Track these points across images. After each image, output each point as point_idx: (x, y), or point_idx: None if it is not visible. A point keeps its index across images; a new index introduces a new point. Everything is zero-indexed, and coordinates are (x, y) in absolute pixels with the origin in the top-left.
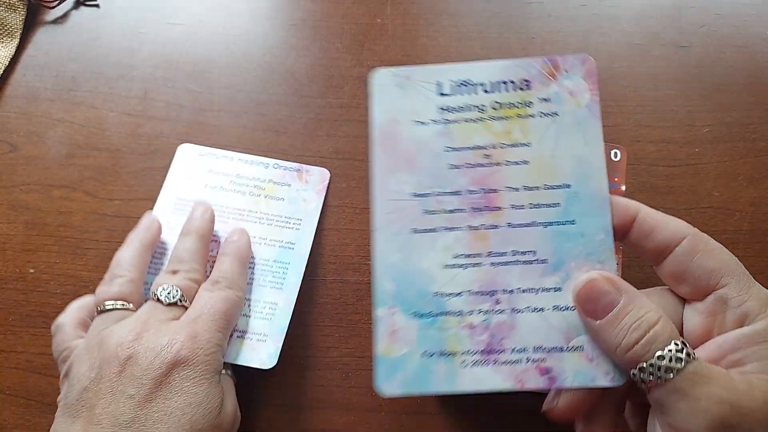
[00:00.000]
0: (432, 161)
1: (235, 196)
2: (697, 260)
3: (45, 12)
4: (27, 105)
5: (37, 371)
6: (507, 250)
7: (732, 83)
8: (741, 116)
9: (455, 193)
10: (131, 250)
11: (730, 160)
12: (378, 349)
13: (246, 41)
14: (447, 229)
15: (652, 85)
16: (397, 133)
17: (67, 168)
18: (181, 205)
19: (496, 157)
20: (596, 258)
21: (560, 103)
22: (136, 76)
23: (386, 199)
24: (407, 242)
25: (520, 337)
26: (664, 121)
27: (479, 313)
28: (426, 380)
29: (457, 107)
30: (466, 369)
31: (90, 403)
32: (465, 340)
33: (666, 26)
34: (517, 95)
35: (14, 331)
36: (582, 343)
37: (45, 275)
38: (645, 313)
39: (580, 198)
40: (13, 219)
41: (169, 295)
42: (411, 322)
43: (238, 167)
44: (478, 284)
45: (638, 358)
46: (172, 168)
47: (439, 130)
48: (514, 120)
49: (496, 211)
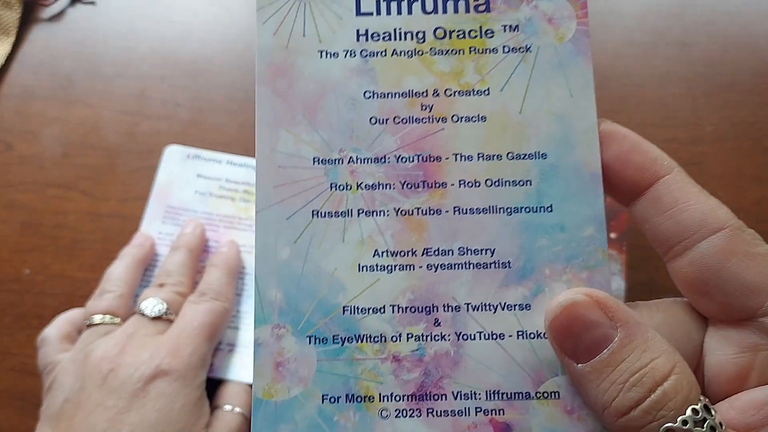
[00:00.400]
0: (344, 111)
1: (224, 202)
2: (732, 267)
3: (41, 9)
4: (22, 103)
5: (32, 373)
6: (452, 247)
7: (737, 82)
8: (746, 115)
9: (378, 160)
10: (122, 266)
11: (735, 160)
12: (256, 389)
13: (243, 38)
14: (364, 213)
15: (656, 84)
16: (294, 68)
17: (62, 167)
18: (171, 214)
19: (440, 108)
20: (582, 263)
21: (534, 34)
22: (132, 74)
23: (274, 164)
24: (305, 230)
25: (467, 377)
26: (668, 119)
27: (410, 340)
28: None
29: (384, 33)
30: (387, 421)
31: (69, 414)
32: (387, 378)
33: (671, 24)
34: (471, 19)
35: (9, 332)
36: (558, 387)
37: (40, 276)
38: (651, 359)
39: (560, 174)
40: (7, 219)
41: (154, 309)
42: (306, 349)
43: (226, 171)
44: (409, 296)
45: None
46: (160, 173)
47: (356, 65)
48: (466, 56)
49: (438, 188)
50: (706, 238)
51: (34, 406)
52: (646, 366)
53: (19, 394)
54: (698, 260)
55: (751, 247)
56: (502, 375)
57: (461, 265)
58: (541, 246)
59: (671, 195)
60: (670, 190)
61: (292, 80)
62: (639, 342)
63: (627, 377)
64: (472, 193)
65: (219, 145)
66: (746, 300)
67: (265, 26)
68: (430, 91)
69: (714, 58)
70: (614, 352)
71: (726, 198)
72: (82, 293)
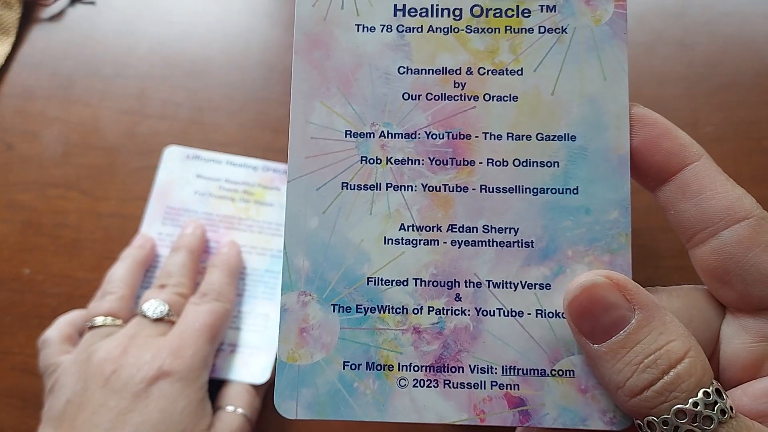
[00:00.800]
0: (378, 86)
1: (224, 202)
2: (754, 256)
3: (41, 9)
4: (22, 103)
5: (33, 373)
6: (477, 225)
7: (737, 82)
8: (746, 115)
9: (409, 135)
10: (123, 268)
11: (734, 160)
12: (281, 352)
13: (244, 39)
14: (393, 187)
15: (655, 84)
16: (331, 40)
17: (62, 167)
18: (172, 215)
19: (472, 87)
20: (605, 246)
21: (571, 15)
22: (133, 74)
23: (307, 136)
24: (334, 202)
25: (485, 352)
26: (667, 119)
27: (430, 313)
28: (344, 403)
29: (421, 9)
30: (405, 390)
31: (71, 415)
32: (407, 349)
33: (670, 24)
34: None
35: (10, 332)
36: (573, 366)
37: (40, 275)
38: (667, 341)
39: (589, 157)
40: (8, 219)
41: (156, 311)
42: (330, 317)
43: (226, 171)
44: (433, 271)
45: (647, 409)
46: (159, 173)
47: (392, 40)
48: (502, 35)
49: (466, 166)
50: (730, 226)
51: (34, 405)
52: (662, 348)
53: (19, 393)
54: (720, 248)
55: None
56: (519, 351)
57: (485, 242)
58: (564, 227)
59: (698, 182)
60: (698, 177)
61: (329, 52)
62: (656, 324)
63: (642, 359)
64: (499, 172)
65: (219, 145)
66: (765, 289)
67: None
68: (464, 68)
69: (713, 58)
70: (631, 333)
71: None
72: (82, 293)
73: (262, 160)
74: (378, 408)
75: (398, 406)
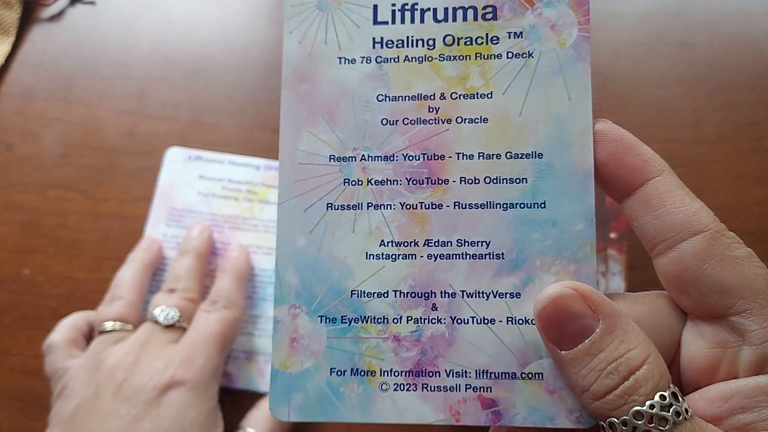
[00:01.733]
0: (359, 114)
1: (228, 202)
2: (709, 269)
3: (41, 9)
4: (22, 104)
5: (32, 374)
6: (451, 239)
7: (738, 82)
8: (747, 115)
9: (388, 158)
10: (131, 271)
11: (735, 160)
12: (274, 360)
13: (244, 39)
14: (373, 206)
15: (657, 84)
16: (316, 74)
17: (62, 168)
18: (175, 216)
19: (446, 111)
20: (571, 256)
21: (537, 40)
22: (133, 74)
23: (295, 162)
24: (320, 221)
25: (459, 357)
26: (669, 120)
27: (409, 322)
28: (332, 406)
29: (397, 41)
30: (387, 394)
31: (81, 420)
32: (387, 356)
33: (671, 24)
34: (478, 27)
35: (9, 332)
36: (542, 369)
37: (40, 276)
38: (628, 350)
39: (555, 173)
40: (8, 219)
41: (167, 317)
42: (318, 328)
43: (229, 171)
44: (411, 283)
45: (609, 411)
46: (162, 175)
47: (371, 71)
48: (472, 61)
49: (440, 185)
50: (687, 239)
51: (34, 406)
52: (623, 356)
53: (19, 394)
54: (678, 260)
55: (728, 250)
56: (491, 356)
57: (459, 255)
58: (533, 239)
59: (659, 196)
60: (659, 191)
61: (314, 85)
62: (618, 333)
63: (605, 366)
64: (471, 190)
65: (219, 146)
66: (719, 300)
67: (291, 35)
68: (438, 94)
69: (715, 58)
70: (595, 342)
71: (727, 198)
72: (82, 293)
73: (264, 159)
74: (362, 410)
75: (380, 409)
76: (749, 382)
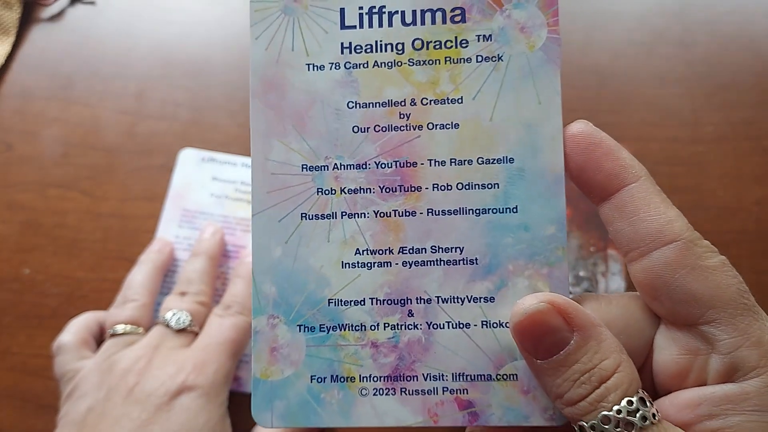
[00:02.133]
0: (329, 121)
1: (240, 205)
2: (680, 278)
3: (41, 9)
4: (22, 104)
5: (32, 373)
6: (425, 246)
7: (737, 82)
8: (746, 115)
9: (360, 166)
10: (143, 273)
11: (735, 159)
12: (255, 370)
13: (244, 38)
14: (347, 215)
15: (656, 84)
16: (284, 81)
17: (62, 167)
18: (188, 217)
19: (416, 117)
20: (543, 259)
21: (506, 43)
22: (132, 74)
23: (267, 172)
24: (294, 232)
25: (436, 361)
26: (668, 119)
27: (386, 328)
28: (313, 412)
29: (366, 45)
30: (366, 399)
31: (93, 422)
32: (366, 362)
33: (670, 24)
34: (448, 30)
35: (9, 332)
36: (516, 370)
37: (40, 275)
38: (600, 360)
39: (526, 177)
40: (8, 219)
41: (179, 321)
42: (297, 337)
43: (242, 173)
44: (386, 290)
45: (580, 416)
46: (175, 176)
47: (340, 77)
48: (442, 66)
49: (413, 192)
50: (659, 248)
51: (34, 406)
52: (595, 367)
53: (19, 393)
54: (650, 268)
55: (699, 260)
56: (466, 359)
57: (433, 262)
58: (506, 244)
59: (633, 203)
60: (634, 198)
61: (283, 93)
62: (592, 345)
63: (578, 376)
64: (444, 196)
65: (219, 145)
66: (690, 308)
67: (257, 42)
68: (408, 100)
69: (714, 58)
70: (569, 354)
71: (726, 198)
72: (82, 293)
73: None
74: (343, 415)
75: (361, 413)
76: (717, 390)
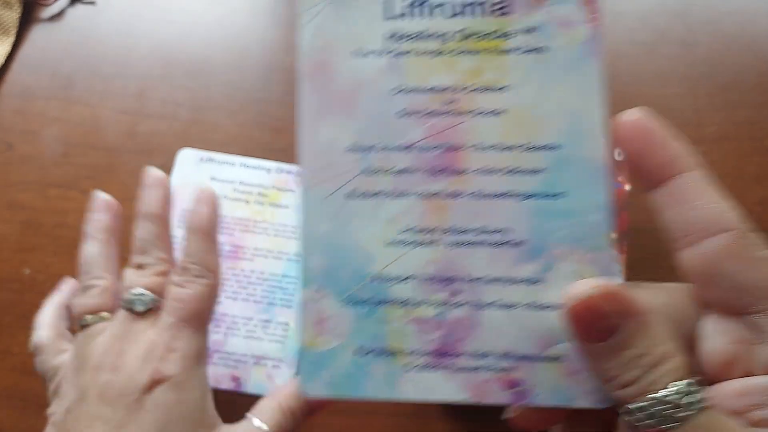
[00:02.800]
0: (376, 105)
1: (239, 205)
2: (733, 266)
3: (41, 9)
4: (22, 103)
5: (32, 373)
6: (471, 227)
7: (739, 82)
8: (748, 115)
9: (406, 148)
10: (96, 247)
11: (737, 159)
12: (302, 339)
13: (244, 38)
14: (393, 196)
15: (658, 84)
16: (332, 66)
17: (62, 167)
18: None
19: (462, 103)
20: (588, 245)
21: (549, 36)
22: (133, 74)
23: (316, 151)
24: (341, 209)
25: (482, 340)
26: (670, 119)
27: (431, 306)
28: (359, 383)
29: (411, 35)
30: (411, 373)
31: (70, 425)
32: (411, 337)
33: (672, 24)
34: (491, 22)
35: (10, 332)
36: (563, 352)
37: (41, 275)
38: (653, 346)
39: (571, 164)
40: (8, 219)
41: (143, 302)
42: (344, 310)
43: (240, 173)
44: (432, 269)
45: (630, 399)
46: (173, 177)
47: (386, 64)
48: (486, 55)
49: (458, 175)
50: (711, 236)
51: (34, 405)
52: (648, 354)
53: (19, 393)
54: (703, 254)
55: (750, 251)
56: (512, 339)
57: (478, 243)
58: (551, 228)
59: (689, 191)
60: (689, 186)
61: (331, 77)
62: (643, 332)
63: (628, 360)
64: (489, 180)
65: (219, 145)
66: (742, 297)
67: (305, 28)
68: (453, 87)
69: (716, 58)
70: (621, 340)
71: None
72: None
73: (275, 161)
74: (389, 388)
75: (406, 387)
76: (765, 381)
